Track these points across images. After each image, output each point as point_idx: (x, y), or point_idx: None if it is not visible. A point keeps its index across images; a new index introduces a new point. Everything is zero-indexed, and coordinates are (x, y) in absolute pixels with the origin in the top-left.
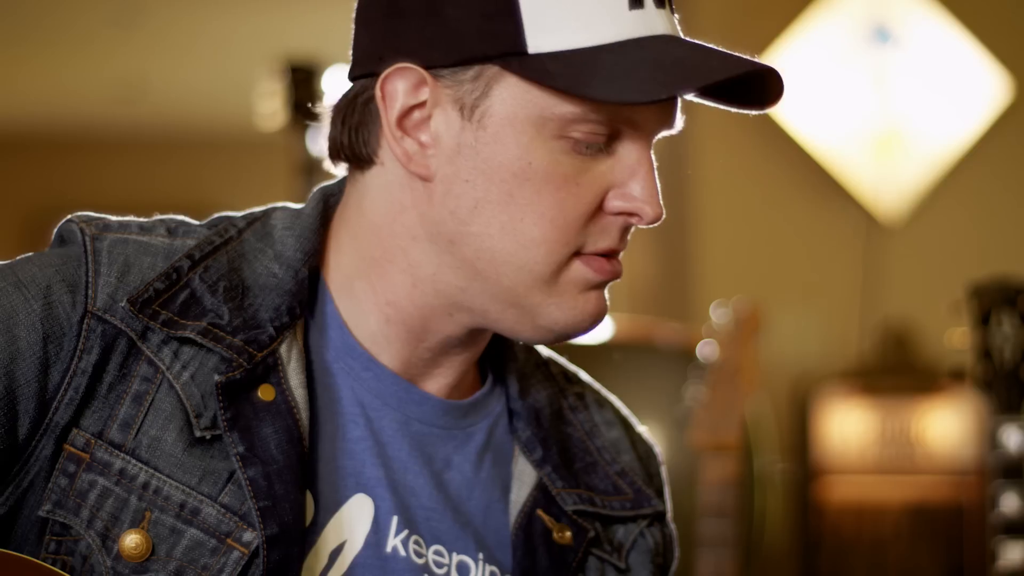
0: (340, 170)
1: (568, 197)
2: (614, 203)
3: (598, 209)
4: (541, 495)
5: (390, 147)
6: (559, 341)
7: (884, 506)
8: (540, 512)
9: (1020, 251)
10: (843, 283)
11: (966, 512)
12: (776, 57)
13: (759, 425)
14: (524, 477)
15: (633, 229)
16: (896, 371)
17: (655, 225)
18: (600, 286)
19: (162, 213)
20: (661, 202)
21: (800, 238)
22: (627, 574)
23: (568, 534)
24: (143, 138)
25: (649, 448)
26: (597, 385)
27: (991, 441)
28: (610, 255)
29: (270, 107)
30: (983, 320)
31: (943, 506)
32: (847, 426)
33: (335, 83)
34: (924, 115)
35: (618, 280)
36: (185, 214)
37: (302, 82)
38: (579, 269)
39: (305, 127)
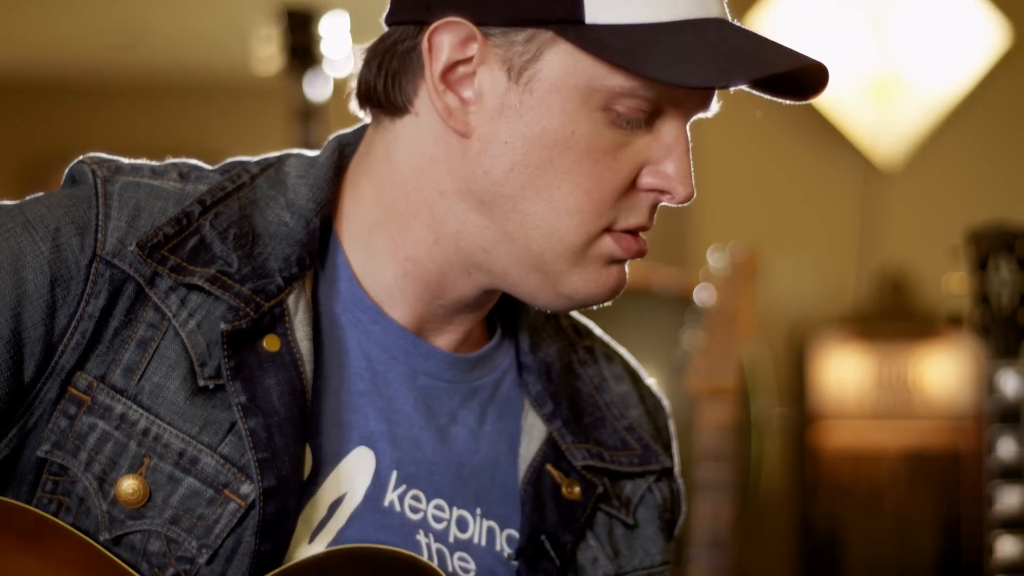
0: (364, 113)
1: (605, 170)
2: (647, 180)
3: (631, 185)
4: (551, 450)
5: (430, 99)
6: (575, 308)
7: (881, 451)
8: (549, 467)
9: (1018, 196)
10: (840, 228)
11: (963, 457)
12: (775, 1)
13: (756, 370)
14: (534, 432)
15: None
16: (893, 316)
17: (685, 205)
18: (624, 261)
19: (160, 158)
20: (693, 182)
21: (797, 183)
22: (635, 530)
23: (577, 489)
24: (140, 84)
25: (657, 402)
26: (607, 338)
27: (988, 386)
28: (637, 232)
29: (267, 52)
30: (981, 265)
31: (940, 451)
32: (844, 371)
33: (332, 28)
34: (922, 60)
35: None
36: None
37: (299, 27)
38: (607, 244)
39: (302, 72)
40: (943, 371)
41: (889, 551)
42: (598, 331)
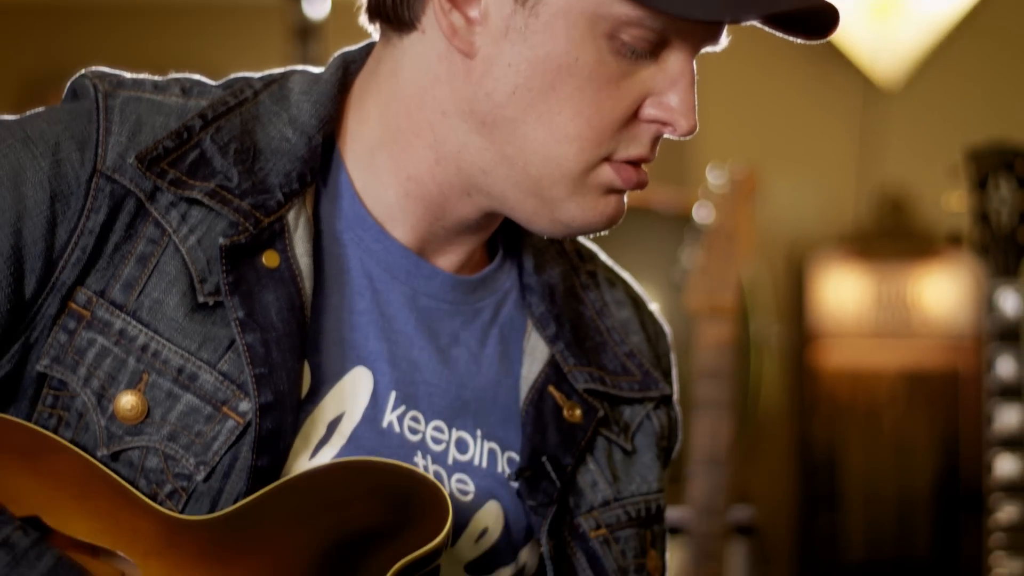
0: (373, 28)
1: (607, 99)
2: (649, 111)
3: (633, 116)
4: (553, 372)
5: (435, 17)
6: (571, 236)
7: (880, 370)
8: (551, 389)
9: (1018, 115)
10: (840, 147)
11: (962, 376)
12: None
13: (755, 289)
14: (536, 353)
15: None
16: (892, 236)
17: (687, 138)
18: (623, 192)
19: (158, 75)
20: (696, 116)
21: (797, 102)
22: (633, 456)
23: (578, 412)
24: (139, 1)
25: (659, 328)
26: (610, 262)
27: (987, 305)
28: (638, 163)
29: None
30: (980, 184)
31: (939, 370)
32: (843, 291)
33: None
34: None
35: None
36: None
37: None
38: (607, 173)
39: None
40: (942, 290)
41: (888, 470)
42: (602, 255)
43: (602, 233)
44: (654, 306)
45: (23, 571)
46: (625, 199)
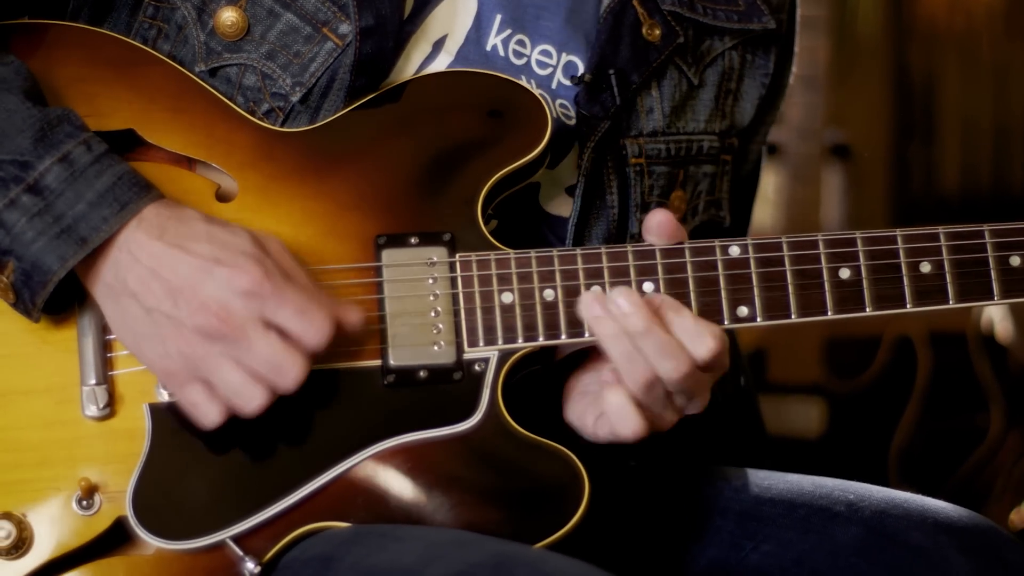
0: None
1: None
2: None
3: None
4: None
5: None
6: None
7: None
8: (635, 2)
9: None
10: None
11: None
12: None
13: None
14: None
15: None
16: None
17: None
18: None
19: None
20: None
21: None
22: (697, 91)
23: (658, 32)
24: None
25: None
26: None
27: None
28: None
29: None
30: None
31: None
32: None
33: None
34: None
35: None
36: None
37: None
38: None
39: None
40: None
41: (985, 99)
42: None
43: None
44: None
45: (80, 188)
46: None
